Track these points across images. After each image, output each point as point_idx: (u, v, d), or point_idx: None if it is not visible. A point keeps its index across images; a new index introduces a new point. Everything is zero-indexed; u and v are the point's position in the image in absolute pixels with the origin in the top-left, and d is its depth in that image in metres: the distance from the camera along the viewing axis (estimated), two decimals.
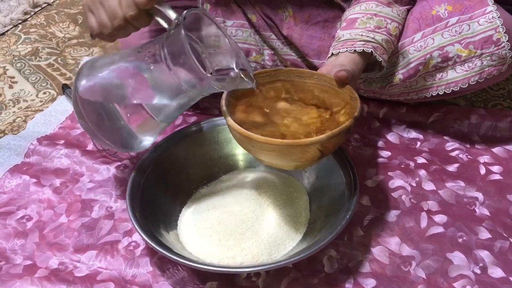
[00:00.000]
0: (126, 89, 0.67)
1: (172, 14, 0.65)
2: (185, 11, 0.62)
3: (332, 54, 0.77)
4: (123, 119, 0.67)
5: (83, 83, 0.68)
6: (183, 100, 0.66)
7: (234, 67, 0.67)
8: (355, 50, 0.75)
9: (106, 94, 0.68)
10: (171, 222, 0.76)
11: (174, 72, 0.62)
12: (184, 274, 0.70)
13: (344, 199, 0.71)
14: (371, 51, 0.75)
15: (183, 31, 0.59)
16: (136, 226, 0.68)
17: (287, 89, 0.74)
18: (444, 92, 0.85)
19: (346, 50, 0.75)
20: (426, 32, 0.83)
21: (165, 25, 0.65)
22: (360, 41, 0.76)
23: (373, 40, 0.76)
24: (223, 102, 0.67)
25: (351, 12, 0.81)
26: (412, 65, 0.84)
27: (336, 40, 0.79)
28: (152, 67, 0.64)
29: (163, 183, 0.79)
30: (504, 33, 0.79)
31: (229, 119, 0.64)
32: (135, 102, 0.67)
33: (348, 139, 0.92)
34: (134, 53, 0.66)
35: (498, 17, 0.79)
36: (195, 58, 0.59)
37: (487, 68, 0.81)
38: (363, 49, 0.75)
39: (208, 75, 0.62)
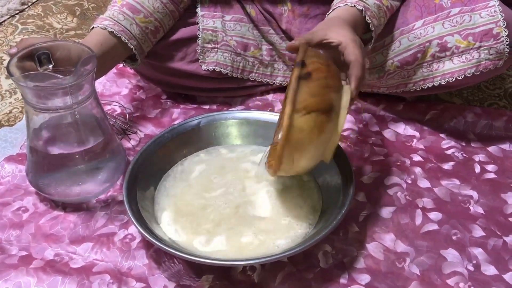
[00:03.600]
0: None
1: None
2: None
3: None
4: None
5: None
6: None
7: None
8: (346, 4, 0.75)
9: None
10: None
11: None
12: (180, 267, 0.70)
13: (339, 195, 0.72)
14: (362, 9, 0.75)
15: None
16: (132, 219, 0.68)
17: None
18: (440, 83, 0.85)
19: (338, 7, 0.76)
20: (427, 20, 0.83)
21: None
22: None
23: (364, 1, 0.77)
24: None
25: None
26: (410, 52, 0.84)
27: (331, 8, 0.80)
28: None
29: (160, 177, 0.79)
30: (504, 27, 0.79)
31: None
32: None
33: (345, 137, 0.92)
34: None
35: (500, 12, 0.79)
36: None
37: (484, 62, 0.82)
38: (354, 5, 0.75)
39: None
